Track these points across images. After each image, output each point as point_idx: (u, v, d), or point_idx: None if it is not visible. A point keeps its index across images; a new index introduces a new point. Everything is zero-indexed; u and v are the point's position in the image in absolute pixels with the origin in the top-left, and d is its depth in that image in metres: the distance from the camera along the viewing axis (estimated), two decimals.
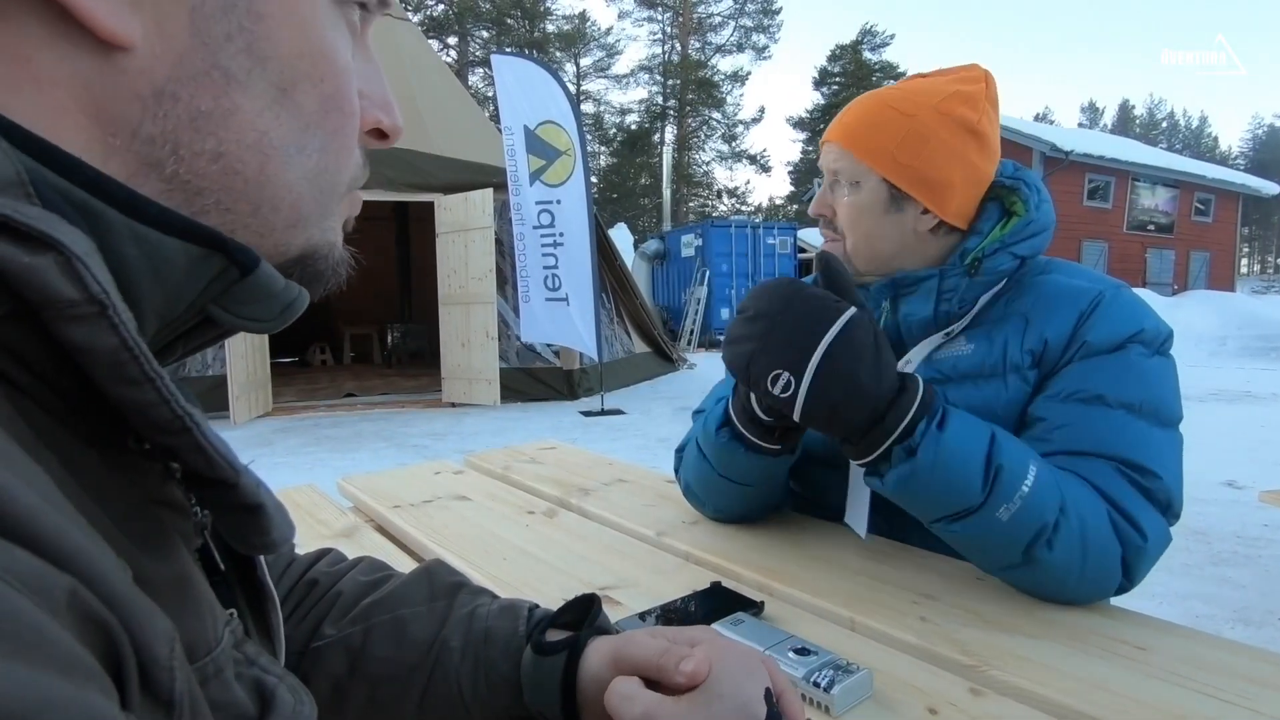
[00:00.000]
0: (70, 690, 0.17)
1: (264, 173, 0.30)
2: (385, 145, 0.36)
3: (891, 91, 0.91)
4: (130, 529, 0.25)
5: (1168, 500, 0.77)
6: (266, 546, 0.29)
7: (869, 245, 0.92)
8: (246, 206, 0.30)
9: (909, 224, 0.90)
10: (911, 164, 0.87)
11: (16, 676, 0.16)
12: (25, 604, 0.17)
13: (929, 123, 0.87)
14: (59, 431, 0.24)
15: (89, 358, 0.23)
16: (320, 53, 0.31)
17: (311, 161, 0.31)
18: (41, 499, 0.19)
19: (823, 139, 0.96)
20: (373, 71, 0.35)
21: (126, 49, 0.26)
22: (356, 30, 0.33)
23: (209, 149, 0.28)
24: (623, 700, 0.41)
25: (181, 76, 0.27)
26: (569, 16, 34.42)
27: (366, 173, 0.36)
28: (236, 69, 0.28)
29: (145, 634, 0.21)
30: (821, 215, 0.95)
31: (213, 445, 0.26)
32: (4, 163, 0.23)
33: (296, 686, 0.31)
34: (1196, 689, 0.60)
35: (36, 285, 0.22)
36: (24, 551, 0.18)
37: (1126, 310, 0.84)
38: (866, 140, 0.89)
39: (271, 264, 0.31)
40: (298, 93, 0.30)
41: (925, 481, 0.73)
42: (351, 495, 1.26)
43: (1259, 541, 3.15)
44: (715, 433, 0.89)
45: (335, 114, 0.32)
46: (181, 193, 0.28)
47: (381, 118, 0.35)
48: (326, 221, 0.34)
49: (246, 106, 0.29)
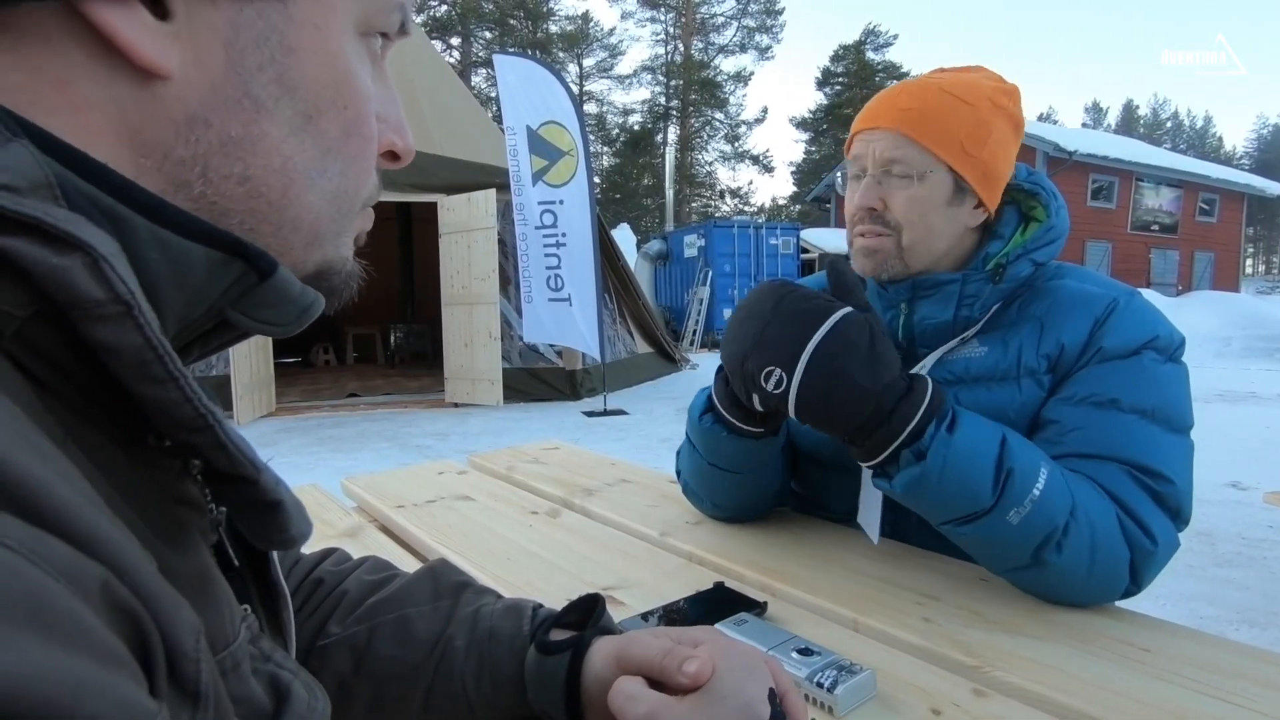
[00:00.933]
0: (105, 676, 0.17)
1: (287, 195, 0.31)
2: (397, 166, 0.38)
3: (944, 78, 0.88)
4: (153, 524, 0.26)
5: (1178, 506, 0.77)
6: (285, 543, 0.29)
7: (928, 241, 0.87)
8: (269, 227, 0.31)
9: (963, 219, 0.88)
10: (979, 155, 0.85)
11: (55, 661, 0.16)
12: (62, 591, 0.17)
13: (988, 115, 0.85)
14: (84, 429, 0.25)
15: (114, 356, 0.23)
16: (345, 82, 0.32)
17: (332, 184, 0.32)
18: (75, 492, 0.20)
19: (865, 125, 0.89)
20: (389, 96, 0.36)
21: (164, 78, 0.27)
22: (376, 57, 0.34)
23: (237, 172, 0.29)
24: (626, 700, 0.41)
25: (214, 104, 0.28)
26: (572, 17, 34.47)
27: (380, 192, 0.37)
28: (266, 98, 0.29)
29: (173, 625, 0.21)
30: (871, 209, 0.88)
31: (234, 443, 0.26)
32: (34, 167, 0.23)
33: (310, 682, 0.31)
34: (1200, 690, 0.60)
35: (65, 285, 0.22)
36: (60, 541, 0.18)
37: (1141, 317, 0.84)
38: (935, 128, 0.84)
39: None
40: (322, 120, 0.31)
41: (935, 485, 0.72)
42: (355, 495, 1.26)
43: (1264, 543, 3.14)
44: (699, 419, 0.90)
45: (356, 139, 0.33)
46: (208, 212, 0.29)
47: (395, 140, 0.36)
48: (341, 239, 0.35)
49: (274, 133, 0.30)
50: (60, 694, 0.16)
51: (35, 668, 0.16)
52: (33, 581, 0.17)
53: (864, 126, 0.89)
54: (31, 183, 0.23)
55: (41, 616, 0.16)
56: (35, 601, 0.17)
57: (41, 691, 0.16)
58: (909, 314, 0.91)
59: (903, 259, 0.88)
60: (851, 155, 0.91)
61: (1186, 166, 19.73)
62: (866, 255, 0.90)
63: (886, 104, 0.88)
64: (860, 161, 0.89)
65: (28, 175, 0.23)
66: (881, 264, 0.89)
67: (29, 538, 0.17)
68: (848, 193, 0.93)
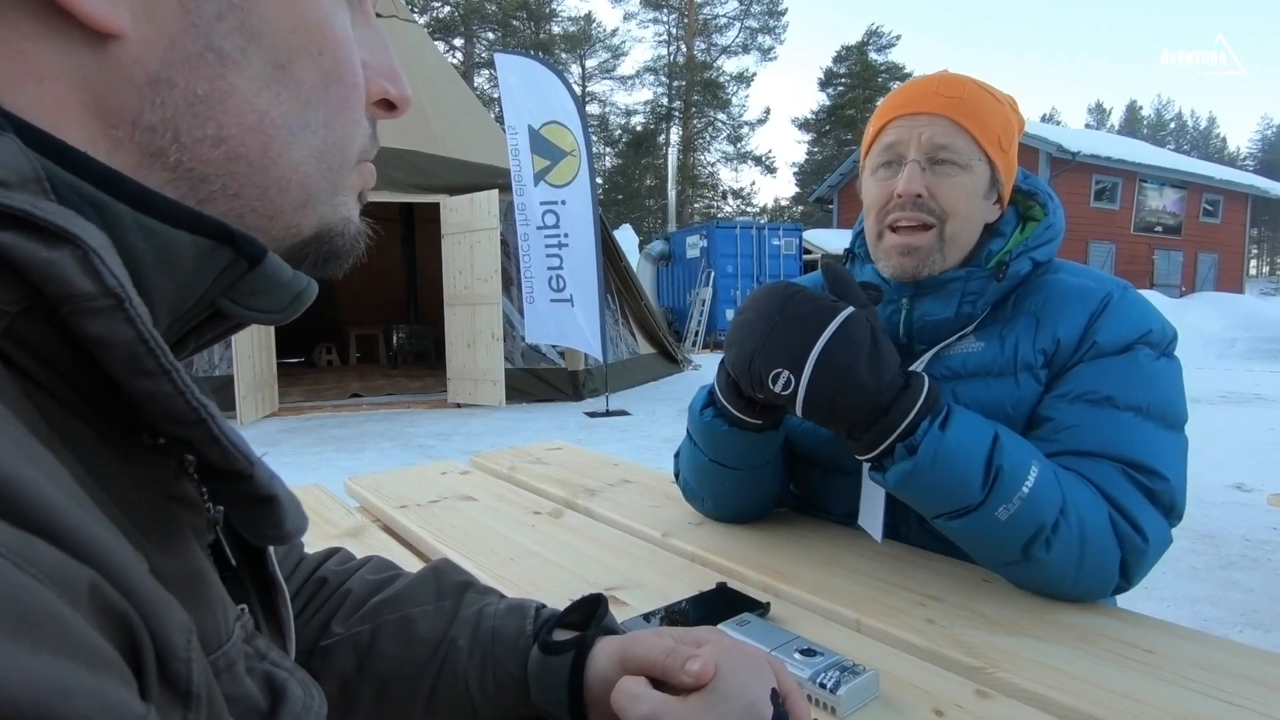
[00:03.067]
0: (94, 680, 0.17)
1: (267, 154, 0.29)
2: (394, 116, 0.36)
3: (972, 78, 0.89)
4: (143, 523, 0.25)
5: (1171, 502, 0.77)
6: (280, 538, 0.29)
7: (966, 232, 0.86)
8: (253, 190, 0.29)
9: (988, 213, 0.89)
10: (1009, 152, 0.87)
11: (42, 665, 0.16)
12: (49, 595, 0.17)
13: (1011, 115, 0.88)
14: (74, 426, 0.24)
15: (106, 350, 0.23)
16: (316, 25, 0.30)
17: (317, 138, 0.31)
18: (63, 493, 0.20)
19: (905, 110, 0.86)
20: (376, 40, 0.34)
21: (118, 37, 0.26)
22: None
23: (209, 134, 0.28)
24: (629, 700, 0.41)
25: (175, 61, 0.27)
26: (574, 18, 34.41)
27: (377, 144, 0.35)
28: (231, 49, 0.28)
29: (163, 626, 0.21)
30: (916, 196, 0.84)
31: (227, 437, 0.26)
32: (22, 161, 0.23)
33: (307, 681, 0.31)
34: (1204, 691, 0.60)
35: (55, 279, 0.22)
36: (46, 544, 0.18)
37: (1134, 311, 0.85)
38: (982, 119, 0.84)
39: (286, 246, 0.31)
40: (296, 68, 0.29)
41: (925, 479, 0.74)
42: (358, 495, 1.26)
43: (1268, 545, 3.12)
44: (700, 413, 0.91)
45: (337, 86, 0.31)
46: (187, 181, 0.28)
47: (388, 87, 0.34)
48: (338, 198, 0.33)
49: (244, 87, 0.28)
50: (50, 699, 0.16)
51: (24, 674, 0.16)
52: (19, 586, 0.17)
53: (905, 112, 0.86)
54: (20, 177, 0.23)
55: (29, 621, 0.16)
56: (22, 606, 0.16)
57: (31, 697, 0.16)
58: (910, 310, 0.92)
59: (943, 252, 0.86)
60: (884, 143, 0.87)
61: (1190, 168, 19.68)
62: (906, 254, 0.86)
63: (929, 91, 0.86)
64: (897, 149, 0.86)
65: (16, 169, 0.23)
66: (924, 261, 0.86)
67: (15, 541, 0.17)
68: (875, 181, 0.88)
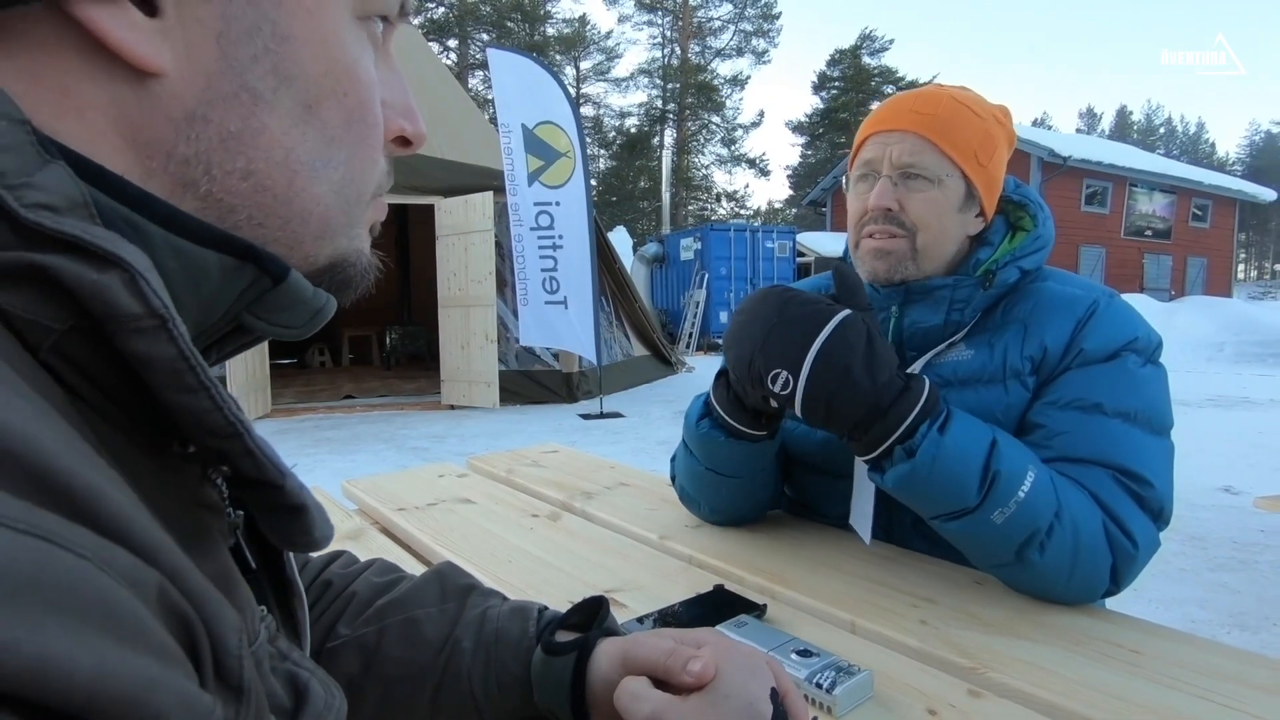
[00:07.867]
0: (168, 674, 0.19)
1: (292, 188, 0.31)
2: (409, 152, 0.37)
3: (952, 90, 0.91)
4: (178, 528, 0.26)
5: (1159, 507, 0.79)
6: (309, 545, 0.30)
7: (939, 245, 0.90)
8: (276, 220, 0.31)
9: (967, 226, 0.91)
10: (987, 166, 0.89)
11: (127, 661, 0.18)
12: (128, 596, 0.19)
13: (994, 128, 0.90)
14: (115, 437, 0.26)
15: (148, 367, 0.24)
16: (344, 69, 0.31)
17: (338, 174, 0.32)
18: (129, 501, 0.21)
19: (880, 128, 0.90)
20: (395, 80, 0.35)
21: (158, 76, 0.27)
22: (379, 42, 0.34)
23: (239, 168, 0.29)
24: (632, 699, 0.42)
25: (211, 99, 0.28)
26: (569, 20, 34.49)
27: (391, 179, 0.37)
28: (264, 89, 0.29)
29: (219, 625, 0.23)
30: (886, 210, 0.89)
31: (261, 449, 0.27)
32: (72, 187, 0.24)
33: (327, 680, 0.32)
34: (1190, 692, 0.61)
35: (103, 300, 0.23)
36: (122, 549, 0.20)
37: (1120, 318, 0.86)
38: (954, 135, 0.87)
39: (301, 273, 0.33)
40: (323, 109, 0.31)
41: (923, 481, 0.75)
42: (356, 498, 1.26)
43: (1255, 547, 3.15)
44: (696, 424, 0.92)
45: (359, 126, 0.32)
46: (215, 210, 0.29)
47: (405, 125, 0.36)
48: (353, 230, 0.35)
49: (273, 125, 0.29)
50: (135, 691, 0.18)
51: (113, 667, 0.17)
52: (104, 588, 0.18)
53: (879, 129, 0.90)
54: (70, 202, 0.24)
55: (113, 620, 0.18)
56: (108, 606, 0.18)
57: (120, 689, 0.17)
58: (899, 317, 0.93)
59: (916, 261, 0.90)
60: (862, 158, 0.92)
61: (1180, 172, 19.85)
62: (879, 257, 0.90)
63: (903, 109, 0.90)
64: (873, 165, 0.91)
65: (67, 195, 0.24)
66: (895, 265, 0.90)
67: (99, 547, 0.19)
68: (854, 194, 0.93)
